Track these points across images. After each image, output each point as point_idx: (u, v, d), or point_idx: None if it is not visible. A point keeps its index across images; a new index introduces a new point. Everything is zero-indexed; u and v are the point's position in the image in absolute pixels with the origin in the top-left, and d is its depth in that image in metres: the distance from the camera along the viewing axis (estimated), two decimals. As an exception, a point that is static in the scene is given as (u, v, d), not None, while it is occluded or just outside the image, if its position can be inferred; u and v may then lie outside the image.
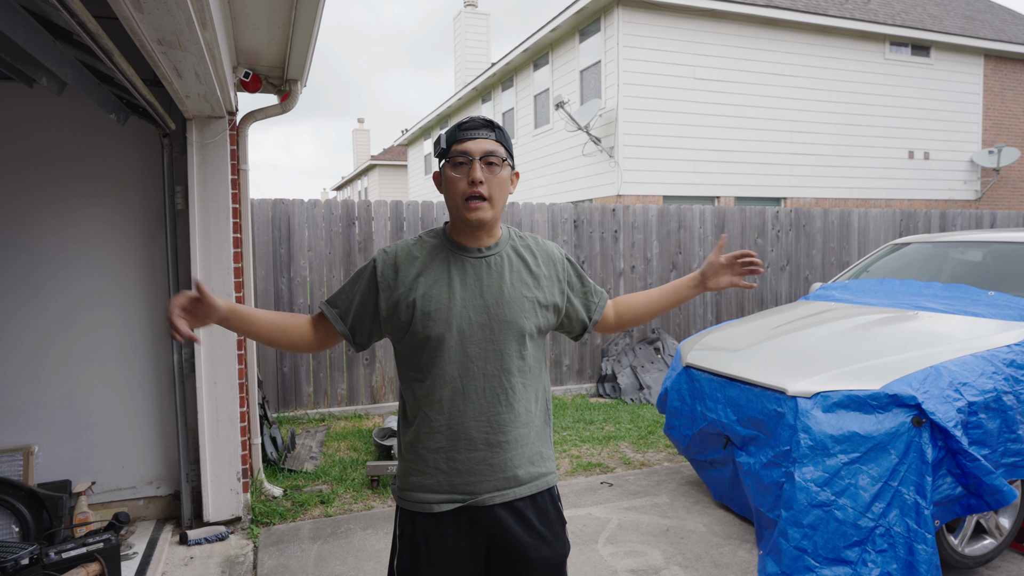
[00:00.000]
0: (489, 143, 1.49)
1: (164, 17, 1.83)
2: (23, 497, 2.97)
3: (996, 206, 12.69)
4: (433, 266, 1.52)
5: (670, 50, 9.96)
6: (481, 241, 1.55)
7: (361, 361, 5.97)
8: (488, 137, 1.50)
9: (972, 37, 12.00)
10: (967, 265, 4.27)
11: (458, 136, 1.50)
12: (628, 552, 3.29)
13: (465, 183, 1.48)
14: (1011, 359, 2.98)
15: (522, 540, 1.51)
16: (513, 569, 1.52)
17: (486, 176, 1.48)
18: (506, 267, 1.55)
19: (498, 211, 1.52)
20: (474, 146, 1.48)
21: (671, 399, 3.88)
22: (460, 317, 1.48)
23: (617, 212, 6.86)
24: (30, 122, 3.32)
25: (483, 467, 1.49)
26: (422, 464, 1.51)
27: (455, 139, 1.50)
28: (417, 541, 1.51)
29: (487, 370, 1.49)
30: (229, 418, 3.52)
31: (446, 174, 1.51)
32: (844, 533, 2.67)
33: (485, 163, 1.48)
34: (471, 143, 1.48)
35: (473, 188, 1.47)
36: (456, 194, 1.49)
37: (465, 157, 1.48)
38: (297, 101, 3.85)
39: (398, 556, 1.55)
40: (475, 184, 1.46)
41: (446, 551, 1.49)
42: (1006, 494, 2.73)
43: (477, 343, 1.49)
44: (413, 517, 1.52)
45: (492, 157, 1.48)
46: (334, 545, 3.40)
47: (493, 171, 1.49)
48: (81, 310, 3.43)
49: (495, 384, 1.50)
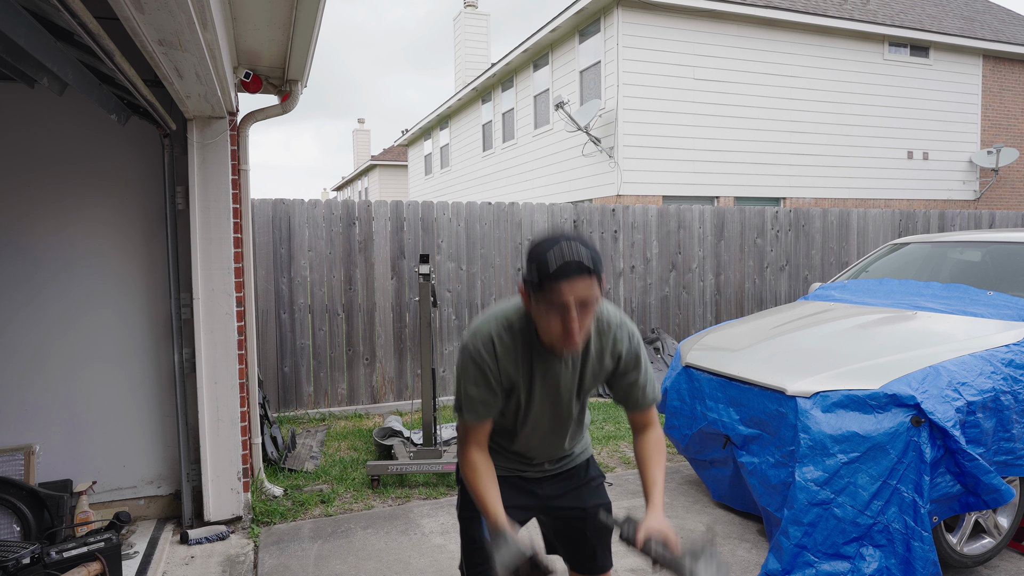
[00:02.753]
0: (587, 288, 1.42)
1: (165, 18, 1.84)
2: (24, 496, 2.98)
3: (995, 206, 12.70)
4: (521, 363, 1.61)
5: (670, 50, 9.97)
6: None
7: (361, 361, 5.98)
8: (585, 279, 1.42)
9: (971, 38, 12.01)
10: (966, 265, 4.28)
11: (555, 276, 1.41)
12: (628, 551, 3.29)
13: (559, 325, 1.46)
14: (1010, 359, 2.99)
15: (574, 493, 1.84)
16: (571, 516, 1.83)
17: (581, 317, 1.45)
18: (579, 363, 1.65)
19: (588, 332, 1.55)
20: (572, 295, 1.41)
21: (671, 399, 3.88)
22: (538, 407, 1.67)
23: (617, 212, 6.87)
24: (31, 123, 3.32)
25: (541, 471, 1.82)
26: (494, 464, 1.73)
27: (551, 277, 1.41)
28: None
29: (554, 428, 1.73)
30: (230, 418, 3.53)
31: (539, 307, 1.47)
32: (843, 530, 2.69)
33: (580, 306, 1.44)
34: (569, 290, 1.41)
35: (569, 332, 1.45)
36: (550, 329, 1.48)
37: (561, 302, 1.42)
38: (298, 101, 3.86)
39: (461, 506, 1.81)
40: (571, 331, 1.45)
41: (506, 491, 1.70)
42: (1004, 493, 2.74)
43: (547, 421, 1.71)
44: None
45: (588, 302, 1.44)
46: (334, 545, 3.41)
47: (588, 312, 1.46)
48: (82, 310, 3.44)
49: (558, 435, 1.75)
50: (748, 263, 7.48)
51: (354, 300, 5.92)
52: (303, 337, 5.78)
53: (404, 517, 3.73)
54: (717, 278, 7.34)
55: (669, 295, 7.12)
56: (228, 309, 3.51)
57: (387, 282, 6.01)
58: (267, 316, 5.62)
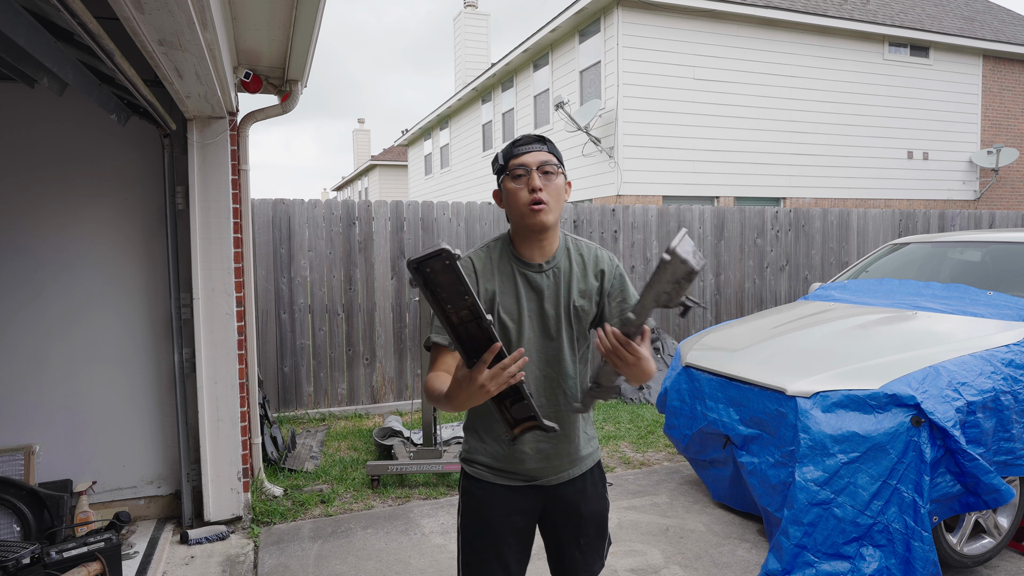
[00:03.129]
0: (543, 154, 1.63)
1: (165, 18, 1.84)
2: (24, 496, 2.98)
3: (995, 206, 12.70)
4: (504, 280, 1.67)
5: (669, 50, 9.97)
6: (544, 253, 1.68)
7: (361, 361, 5.98)
8: (541, 150, 1.64)
9: (971, 38, 12.01)
10: (966, 265, 4.28)
11: (514, 152, 1.64)
12: (628, 551, 3.29)
13: (526, 192, 1.61)
14: (1010, 359, 2.99)
15: (574, 499, 1.74)
16: (567, 522, 1.75)
17: (544, 183, 1.61)
18: (562, 280, 1.69)
19: (557, 215, 1.66)
20: (530, 158, 1.62)
21: (671, 399, 3.88)
22: (528, 326, 1.66)
23: (617, 212, 6.87)
24: (31, 123, 3.32)
25: (542, 456, 1.69)
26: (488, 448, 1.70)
27: (511, 155, 1.64)
28: (479, 498, 1.71)
29: (547, 372, 1.68)
30: (230, 418, 3.53)
31: (507, 187, 1.64)
32: (843, 530, 2.69)
33: (542, 172, 1.61)
34: (527, 156, 1.62)
35: (534, 195, 1.59)
36: (519, 203, 1.62)
37: (523, 169, 1.61)
38: (298, 101, 3.86)
39: (461, 513, 1.75)
40: (535, 191, 1.59)
41: (505, 508, 1.69)
42: (1004, 493, 2.74)
43: (539, 349, 1.67)
44: (477, 480, 1.72)
45: (548, 166, 1.62)
46: (334, 545, 3.41)
47: (550, 179, 1.62)
48: (82, 310, 3.44)
49: (554, 385, 1.68)
50: (748, 263, 7.48)
51: (354, 300, 5.92)
52: (303, 337, 5.78)
53: (404, 517, 3.73)
54: (717, 278, 7.35)
55: (669, 295, 7.11)
56: (228, 309, 3.51)
57: (387, 282, 6.01)
58: (267, 316, 5.62)
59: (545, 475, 1.70)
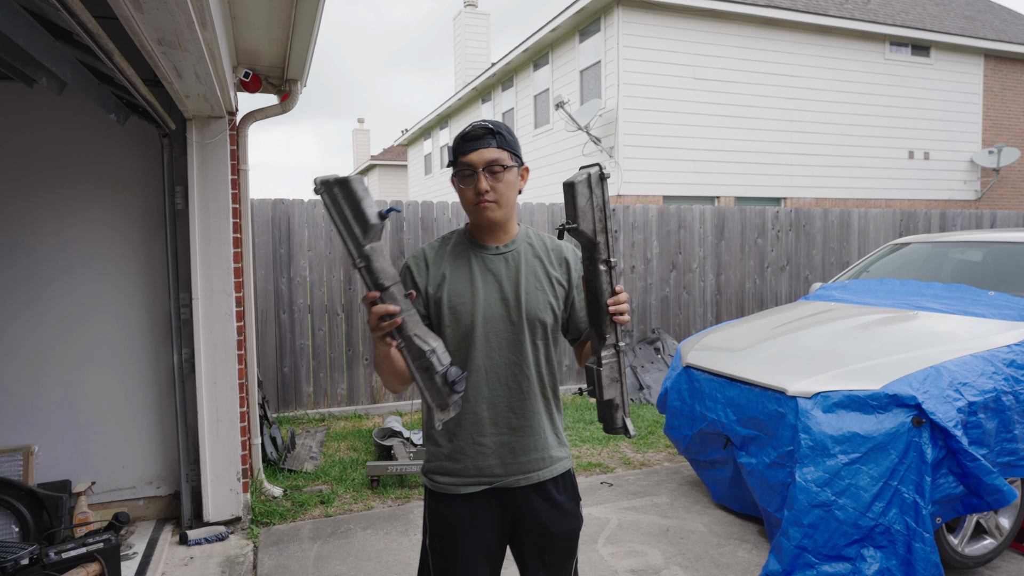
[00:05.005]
0: (491, 151, 1.54)
1: (164, 17, 1.83)
2: (23, 497, 2.97)
3: (996, 206, 12.69)
4: (458, 264, 1.63)
5: (670, 50, 9.96)
6: (499, 239, 1.65)
7: (361, 361, 5.98)
8: (490, 145, 1.55)
9: (972, 37, 12.00)
10: (967, 265, 4.27)
11: (462, 148, 1.56)
12: (628, 552, 3.29)
13: (472, 193, 1.56)
14: (1011, 359, 2.98)
15: (545, 515, 1.64)
16: (535, 540, 1.66)
17: (491, 184, 1.55)
18: (523, 263, 1.63)
19: (508, 210, 1.61)
20: (476, 157, 1.54)
21: (671, 399, 3.88)
22: (484, 308, 1.59)
23: (617, 212, 6.86)
24: (30, 123, 3.32)
25: (506, 451, 1.61)
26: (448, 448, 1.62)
27: (459, 151, 1.56)
28: (447, 519, 1.63)
29: (509, 359, 1.60)
30: (229, 418, 3.52)
31: (458, 185, 1.59)
32: (844, 532, 2.68)
33: (489, 172, 1.55)
34: (474, 155, 1.54)
35: (480, 198, 1.55)
36: (466, 201, 1.59)
37: (470, 169, 1.55)
38: (297, 101, 3.85)
39: (430, 535, 1.67)
40: (481, 194, 1.55)
41: (474, 528, 1.62)
42: (1006, 494, 2.73)
43: (499, 333, 1.60)
44: (442, 498, 1.64)
45: (495, 166, 1.54)
46: (334, 545, 3.40)
47: (498, 178, 1.56)
48: (82, 311, 3.43)
49: (516, 372, 1.61)
50: (749, 263, 7.47)
51: (354, 300, 5.91)
52: (303, 337, 5.77)
53: (404, 517, 3.73)
54: (717, 278, 7.34)
55: (669, 295, 7.11)
56: (227, 309, 3.50)
57: (387, 282, 5.99)
58: (267, 316, 5.62)
59: (512, 474, 1.61)
